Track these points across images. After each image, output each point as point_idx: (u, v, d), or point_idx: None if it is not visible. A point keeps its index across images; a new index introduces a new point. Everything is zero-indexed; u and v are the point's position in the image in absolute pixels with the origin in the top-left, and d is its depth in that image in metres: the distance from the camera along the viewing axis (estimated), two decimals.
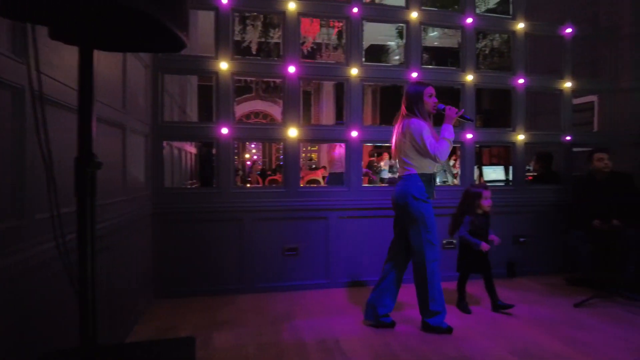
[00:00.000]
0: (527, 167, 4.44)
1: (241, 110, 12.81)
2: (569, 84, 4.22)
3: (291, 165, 3.65)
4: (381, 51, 11.17)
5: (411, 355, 2.40)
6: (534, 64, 4.44)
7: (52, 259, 1.46)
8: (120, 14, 1.05)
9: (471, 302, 3.21)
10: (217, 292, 3.43)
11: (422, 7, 3.87)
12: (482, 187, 3.15)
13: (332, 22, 8.29)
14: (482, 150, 7.53)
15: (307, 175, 9.21)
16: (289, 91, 3.61)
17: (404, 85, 3.87)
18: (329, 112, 12.96)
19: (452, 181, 6.03)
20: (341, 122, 3.84)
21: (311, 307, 3.20)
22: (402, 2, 3.90)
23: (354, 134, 3.73)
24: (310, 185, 6.85)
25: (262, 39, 8.16)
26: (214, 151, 3.52)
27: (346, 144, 3.77)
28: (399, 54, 10.39)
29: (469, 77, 3.97)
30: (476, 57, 4.09)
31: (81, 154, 1.01)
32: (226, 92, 3.49)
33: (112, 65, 2.51)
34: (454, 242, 3.71)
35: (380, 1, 7.09)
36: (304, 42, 8.24)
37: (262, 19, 7.93)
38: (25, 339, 1.38)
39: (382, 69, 4.01)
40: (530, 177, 4.70)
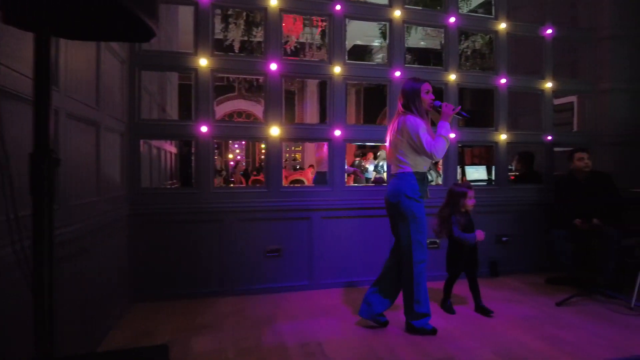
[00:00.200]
0: (509, 167, 4.46)
1: (224, 109, 12.64)
2: (549, 84, 4.25)
3: (273, 164, 3.57)
4: (365, 51, 11.18)
5: (395, 357, 2.36)
6: (516, 65, 4.47)
7: (11, 265, 1.36)
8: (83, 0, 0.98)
9: (455, 302, 3.18)
10: (197, 295, 3.33)
11: (405, 6, 3.85)
12: (467, 186, 3.13)
13: (316, 22, 8.23)
14: (465, 150, 7.58)
15: (291, 175, 9.13)
16: (270, 89, 3.54)
17: (387, 84, 3.85)
18: (313, 113, 12.90)
19: (437, 179, 6.04)
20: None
21: (294, 309, 3.13)
22: (386, 1, 3.86)
23: (337, 132, 3.68)
24: (292, 185, 6.78)
25: (245, 38, 8.05)
26: (193, 150, 3.42)
27: (329, 143, 3.72)
28: (383, 54, 10.40)
29: (452, 77, 3.96)
30: (459, 58, 4.08)
31: (37, 149, 0.92)
32: (205, 89, 3.40)
33: (85, 60, 2.40)
34: (438, 242, 3.69)
35: None
36: (287, 41, 8.16)
37: (245, 17, 7.81)
38: None
39: (365, 67, 3.97)
40: (512, 177, 4.73)
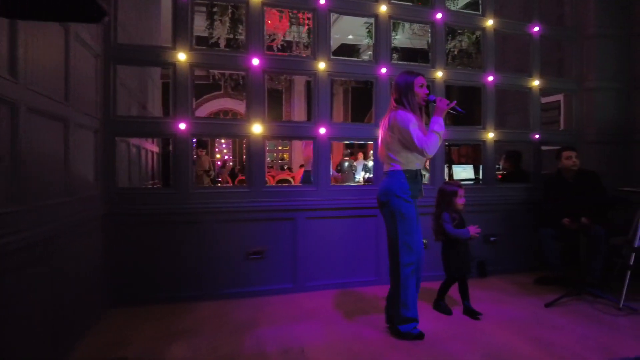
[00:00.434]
0: (497, 166, 4.41)
1: (210, 108, 12.50)
2: (537, 82, 4.21)
3: (256, 163, 3.45)
4: (352, 50, 11.15)
5: None
6: (503, 63, 4.42)
7: None
8: None
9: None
10: (174, 299, 3.19)
11: (392, 1, 3.76)
12: (457, 185, 3.05)
13: (302, 19, 8.13)
14: (452, 149, 7.55)
15: (278, 175, 9.03)
16: (252, 85, 3.42)
17: (373, 81, 3.76)
18: (300, 112, 12.80)
19: (424, 178, 5.98)
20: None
21: (276, 313, 3.02)
22: None
23: (322, 130, 3.58)
24: (277, 184, 6.66)
25: (231, 35, 7.91)
26: (171, 148, 3.28)
27: (314, 141, 3.62)
28: (369, 53, 10.35)
29: (439, 74, 3.89)
30: (446, 58, 4.01)
31: None
32: (184, 84, 3.26)
33: (51, 51, 2.25)
34: (425, 241, 3.61)
35: None
36: (273, 39, 8.04)
37: (230, 14, 7.69)
38: None
39: (350, 64, 3.86)
40: (499, 176, 4.68)
